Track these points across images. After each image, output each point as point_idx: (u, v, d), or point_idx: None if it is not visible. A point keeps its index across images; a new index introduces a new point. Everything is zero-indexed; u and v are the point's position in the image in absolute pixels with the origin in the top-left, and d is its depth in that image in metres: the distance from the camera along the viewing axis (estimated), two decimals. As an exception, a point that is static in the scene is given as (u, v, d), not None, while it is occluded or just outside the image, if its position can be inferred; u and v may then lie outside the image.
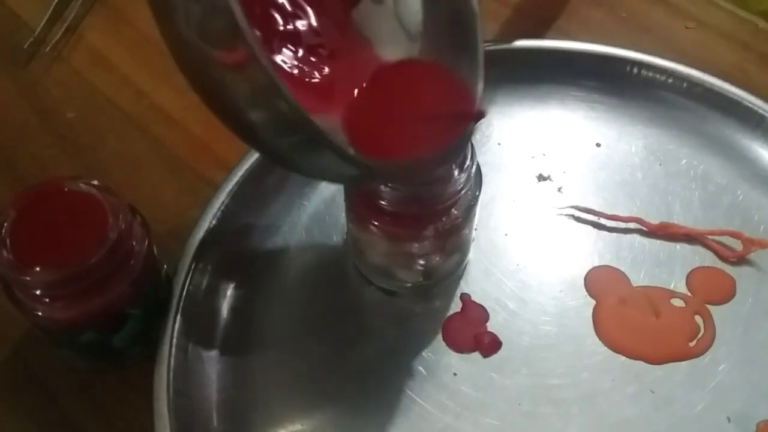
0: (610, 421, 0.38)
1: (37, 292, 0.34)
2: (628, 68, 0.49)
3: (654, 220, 0.44)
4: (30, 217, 0.35)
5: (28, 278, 0.33)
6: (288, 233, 0.44)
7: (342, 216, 0.42)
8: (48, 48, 0.52)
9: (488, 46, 0.49)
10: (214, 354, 0.40)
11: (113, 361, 0.39)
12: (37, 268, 0.33)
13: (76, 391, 0.39)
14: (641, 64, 0.49)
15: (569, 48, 0.50)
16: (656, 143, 0.47)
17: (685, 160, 0.47)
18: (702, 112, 0.48)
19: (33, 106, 0.50)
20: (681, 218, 0.44)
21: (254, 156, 0.45)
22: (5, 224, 0.34)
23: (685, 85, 0.48)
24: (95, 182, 0.36)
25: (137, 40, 0.53)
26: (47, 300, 0.35)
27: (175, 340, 0.39)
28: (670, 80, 0.48)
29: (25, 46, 0.52)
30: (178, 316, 0.39)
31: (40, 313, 0.35)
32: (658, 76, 0.49)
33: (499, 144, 0.47)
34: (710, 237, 0.43)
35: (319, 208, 0.45)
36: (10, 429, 0.38)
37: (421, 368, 0.40)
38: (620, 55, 0.49)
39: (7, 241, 0.34)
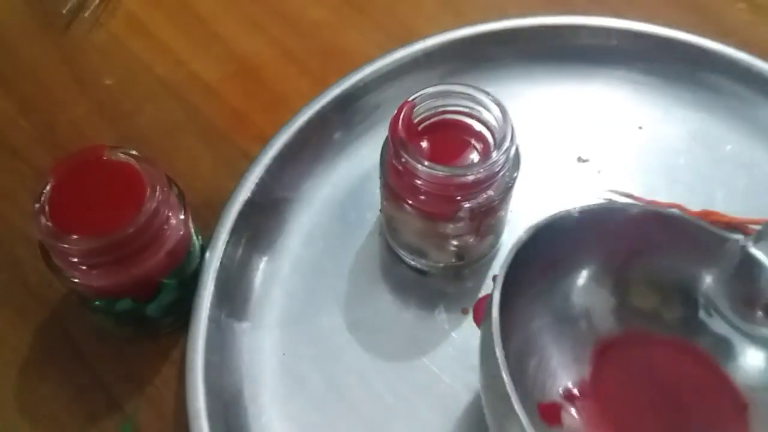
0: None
1: (74, 260, 0.35)
2: (676, 49, 0.47)
3: (695, 207, 0.43)
4: (69, 185, 0.35)
5: (65, 245, 0.34)
6: (322, 208, 0.44)
7: (376, 192, 0.41)
8: (87, 13, 0.52)
9: (532, 20, 0.49)
10: (246, 326, 0.40)
11: (147, 329, 0.40)
12: (75, 236, 0.34)
13: (111, 358, 0.40)
14: (689, 46, 0.47)
15: (615, 26, 0.48)
16: (701, 128, 0.46)
17: (730, 146, 0.45)
18: (751, 98, 0.46)
19: (72, 71, 0.50)
20: (723, 206, 0.43)
21: (291, 129, 0.44)
22: (44, 191, 0.35)
23: (734, 68, 0.46)
24: (134, 152, 0.36)
25: (176, 8, 0.53)
26: (84, 267, 0.35)
27: (208, 312, 0.39)
28: (719, 63, 0.47)
29: (64, 11, 0.52)
30: (212, 288, 0.40)
31: (76, 280, 0.36)
32: (706, 58, 0.47)
33: (538, 123, 0.46)
34: (752, 227, 0.42)
35: (354, 184, 0.45)
36: (45, 391, 0.39)
37: (450, 348, 0.40)
38: (668, 36, 0.47)
39: (46, 208, 0.34)
